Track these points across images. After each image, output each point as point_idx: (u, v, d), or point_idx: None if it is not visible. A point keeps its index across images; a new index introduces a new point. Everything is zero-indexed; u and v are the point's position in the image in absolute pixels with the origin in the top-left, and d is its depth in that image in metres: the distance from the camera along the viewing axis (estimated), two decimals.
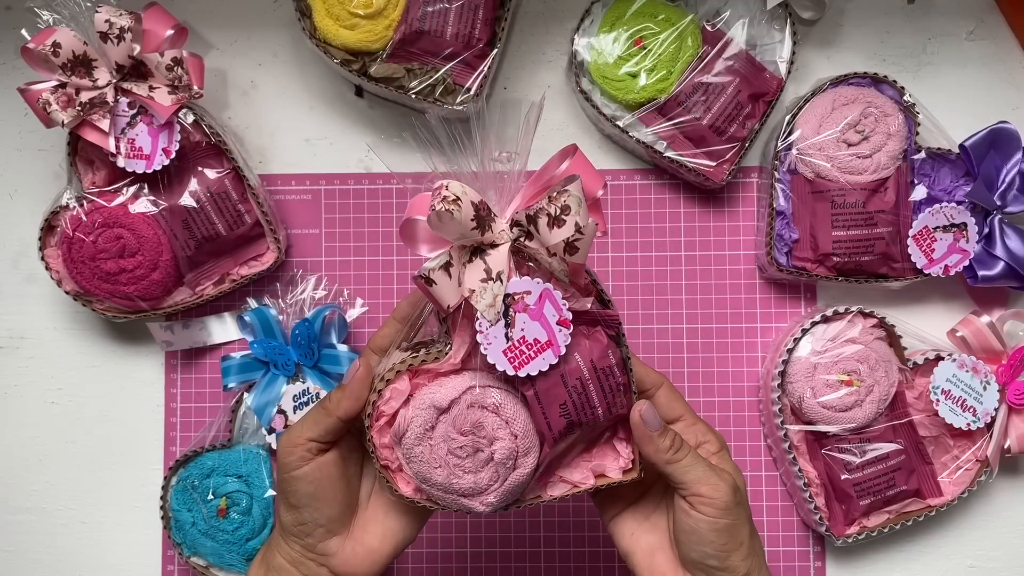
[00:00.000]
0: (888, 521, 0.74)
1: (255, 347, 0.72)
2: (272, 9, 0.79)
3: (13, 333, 0.79)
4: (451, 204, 0.49)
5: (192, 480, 0.72)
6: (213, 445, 0.73)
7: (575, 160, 0.52)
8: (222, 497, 0.71)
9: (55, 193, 0.74)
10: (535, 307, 0.52)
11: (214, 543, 0.72)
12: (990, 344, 0.73)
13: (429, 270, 0.51)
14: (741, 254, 0.78)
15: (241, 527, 0.72)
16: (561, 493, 0.57)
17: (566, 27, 0.78)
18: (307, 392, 0.72)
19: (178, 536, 0.72)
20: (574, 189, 0.50)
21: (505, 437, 0.53)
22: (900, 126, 0.72)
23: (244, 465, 0.72)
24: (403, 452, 0.54)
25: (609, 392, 0.55)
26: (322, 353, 0.73)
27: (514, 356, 0.52)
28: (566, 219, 0.49)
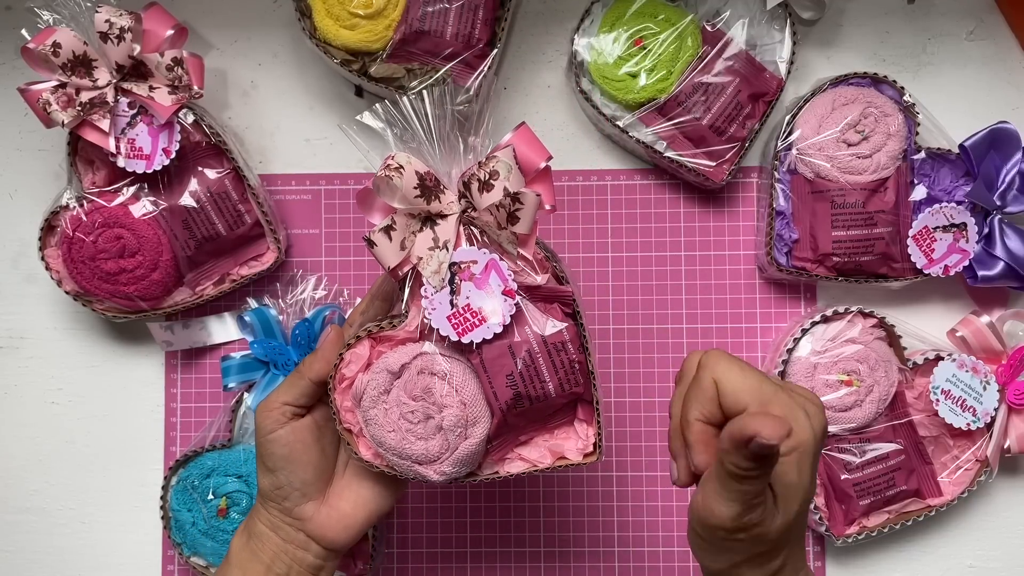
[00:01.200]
0: (888, 521, 0.74)
1: (255, 347, 0.72)
2: (272, 9, 0.79)
3: (13, 333, 0.79)
4: (392, 171, 0.52)
5: (192, 480, 0.72)
6: (213, 445, 0.73)
7: (518, 133, 0.54)
8: (222, 497, 0.71)
9: (55, 193, 0.74)
10: (481, 276, 0.54)
11: (214, 543, 0.71)
12: (990, 344, 0.73)
13: (372, 232, 0.54)
14: (741, 254, 0.78)
15: None
16: (519, 471, 0.58)
17: (566, 27, 0.78)
18: None
19: (178, 536, 0.72)
20: (503, 156, 0.53)
21: (454, 404, 0.55)
22: (900, 126, 0.72)
23: (244, 465, 0.72)
24: (361, 415, 0.57)
25: (561, 368, 0.56)
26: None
27: (458, 323, 0.54)
28: (494, 184, 0.52)
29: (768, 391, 0.46)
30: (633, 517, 0.77)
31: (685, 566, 0.76)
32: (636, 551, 0.77)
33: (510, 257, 0.55)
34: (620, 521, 0.77)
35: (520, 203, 0.53)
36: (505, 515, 0.77)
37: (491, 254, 0.55)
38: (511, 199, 0.53)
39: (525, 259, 0.56)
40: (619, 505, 0.77)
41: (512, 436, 0.58)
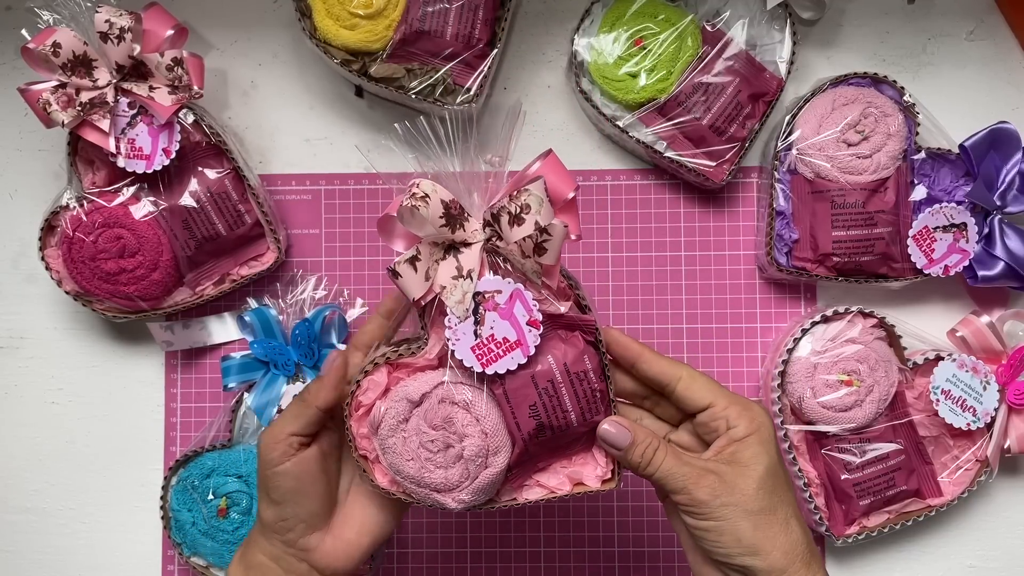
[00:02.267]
0: (888, 521, 0.74)
1: (255, 347, 0.72)
2: (272, 9, 0.79)
3: (13, 333, 0.79)
4: (419, 201, 0.51)
5: (192, 480, 0.72)
6: (213, 445, 0.73)
7: (546, 162, 0.53)
8: (222, 497, 0.71)
9: (55, 193, 0.74)
10: (505, 306, 0.53)
11: (214, 543, 0.71)
12: (990, 344, 0.73)
13: (396, 263, 0.53)
14: (741, 254, 0.78)
15: (241, 527, 0.71)
16: (536, 497, 0.57)
17: (566, 27, 0.78)
18: None
19: (178, 536, 0.72)
20: (535, 189, 0.51)
21: (475, 434, 0.54)
22: (900, 126, 0.72)
23: (244, 465, 0.72)
24: (378, 443, 0.55)
25: (583, 397, 0.55)
26: (322, 353, 0.73)
27: (482, 353, 0.53)
28: (525, 218, 0.51)
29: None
30: (633, 517, 0.77)
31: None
32: (636, 551, 0.77)
33: (534, 286, 0.54)
34: (620, 521, 0.77)
35: (548, 235, 0.52)
36: (505, 515, 0.77)
37: (516, 284, 0.54)
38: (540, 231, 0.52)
39: (549, 288, 0.55)
40: (619, 505, 0.77)
41: (533, 464, 0.58)
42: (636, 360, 0.56)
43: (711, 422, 0.54)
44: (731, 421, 0.53)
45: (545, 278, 0.54)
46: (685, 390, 0.55)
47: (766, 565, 0.50)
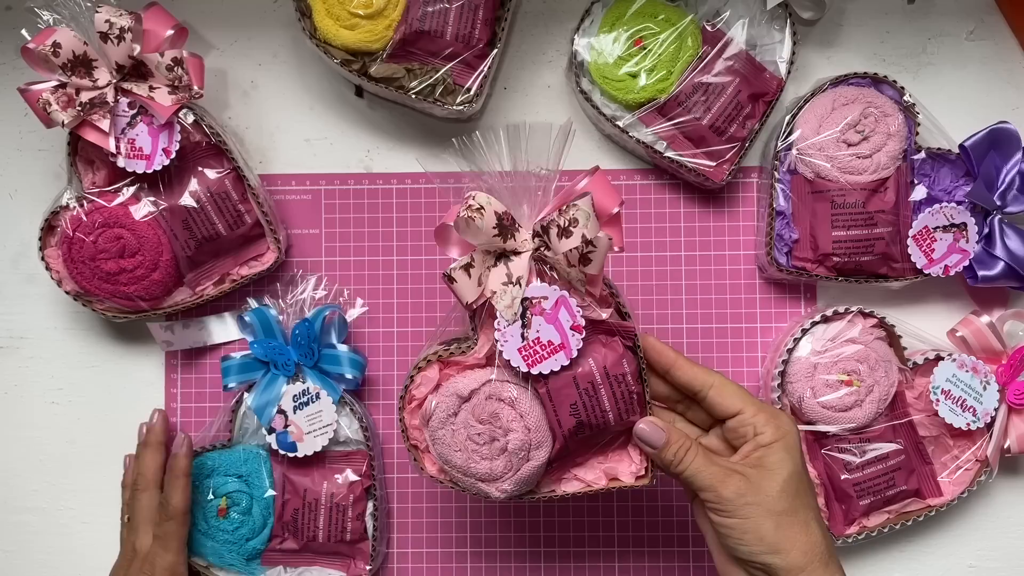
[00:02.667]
0: (888, 521, 0.74)
1: (255, 347, 0.72)
2: (272, 9, 0.79)
3: (13, 333, 0.79)
4: (475, 212, 0.55)
5: (192, 480, 0.71)
6: (213, 445, 0.73)
7: (594, 179, 0.57)
8: (222, 497, 0.71)
9: (55, 193, 0.74)
10: (551, 312, 0.58)
11: (214, 543, 0.72)
12: (990, 344, 0.73)
13: (452, 269, 0.57)
14: (741, 254, 0.78)
15: (241, 527, 0.72)
16: (574, 490, 0.62)
17: (566, 27, 0.78)
18: (307, 392, 0.72)
19: None
20: (583, 204, 0.56)
21: (519, 429, 0.59)
22: (900, 126, 0.72)
23: (244, 465, 0.72)
24: (429, 434, 0.60)
25: (621, 399, 0.59)
26: (322, 353, 0.73)
27: (528, 355, 0.58)
28: (573, 231, 0.55)
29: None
30: (633, 517, 0.77)
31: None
32: (635, 551, 0.77)
33: (578, 294, 0.58)
34: (620, 521, 0.77)
35: (593, 247, 0.56)
36: (505, 515, 0.77)
37: (561, 291, 0.58)
38: (585, 243, 0.55)
39: (592, 296, 0.59)
40: (619, 505, 0.77)
41: (571, 459, 0.62)
42: (671, 367, 0.60)
43: (739, 428, 0.58)
44: (758, 428, 0.57)
45: (589, 286, 0.58)
46: (716, 396, 0.58)
47: (785, 563, 0.54)
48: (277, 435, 0.72)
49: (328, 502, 0.72)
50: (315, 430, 0.71)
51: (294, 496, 0.72)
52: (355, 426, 0.73)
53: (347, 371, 0.73)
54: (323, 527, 0.72)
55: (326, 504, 0.72)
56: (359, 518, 0.72)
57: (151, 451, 0.71)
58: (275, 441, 0.72)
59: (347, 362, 0.73)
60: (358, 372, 0.73)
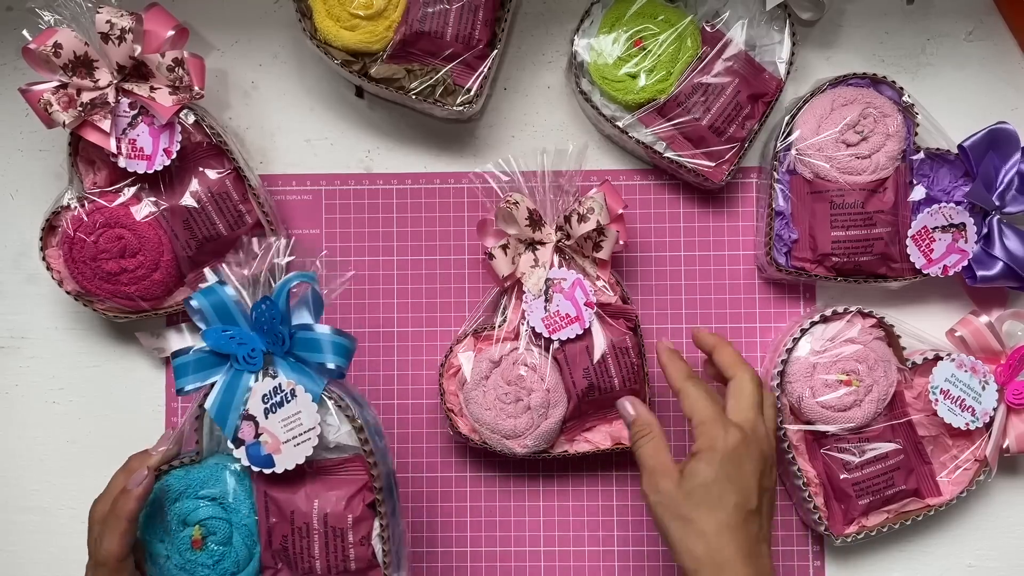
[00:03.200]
0: (887, 521, 0.74)
1: (208, 337, 0.57)
2: (273, 10, 0.80)
3: (14, 333, 0.79)
4: (511, 205, 0.69)
5: (160, 505, 0.60)
6: (180, 460, 0.61)
7: (604, 185, 0.72)
8: (195, 526, 0.59)
9: (56, 193, 0.75)
10: (568, 290, 0.71)
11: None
12: (989, 344, 0.73)
13: (493, 247, 0.70)
14: (740, 254, 0.78)
15: (223, 560, 0.60)
16: (584, 450, 0.72)
17: (566, 28, 0.79)
18: (279, 390, 0.58)
19: (153, 571, 0.60)
20: (597, 196, 0.70)
21: (539, 389, 0.70)
22: (899, 126, 0.72)
23: (217, 483, 0.59)
24: (464, 395, 0.71)
25: (625, 368, 0.71)
26: (296, 337, 0.59)
27: (549, 323, 0.70)
28: (590, 217, 0.69)
29: None
30: (634, 517, 0.77)
31: None
32: (636, 550, 0.77)
33: (591, 278, 0.72)
34: (620, 521, 0.77)
35: (604, 236, 0.70)
36: (505, 515, 0.77)
37: (577, 274, 0.71)
38: (598, 232, 0.69)
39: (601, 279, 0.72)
40: (617, 506, 0.77)
41: (581, 421, 0.72)
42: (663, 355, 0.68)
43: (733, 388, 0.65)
44: (696, 436, 0.61)
45: (599, 271, 0.72)
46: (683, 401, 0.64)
47: (683, 565, 0.58)
48: (247, 448, 0.58)
49: (322, 526, 0.59)
50: (294, 437, 0.58)
51: (280, 520, 0.59)
52: (346, 428, 0.60)
53: (329, 358, 0.58)
54: (319, 556, 0.59)
55: (319, 528, 0.59)
56: (363, 542, 0.59)
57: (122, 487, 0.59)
58: (245, 456, 0.58)
59: (328, 346, 0.58)
60: (343, 359, 0.58)
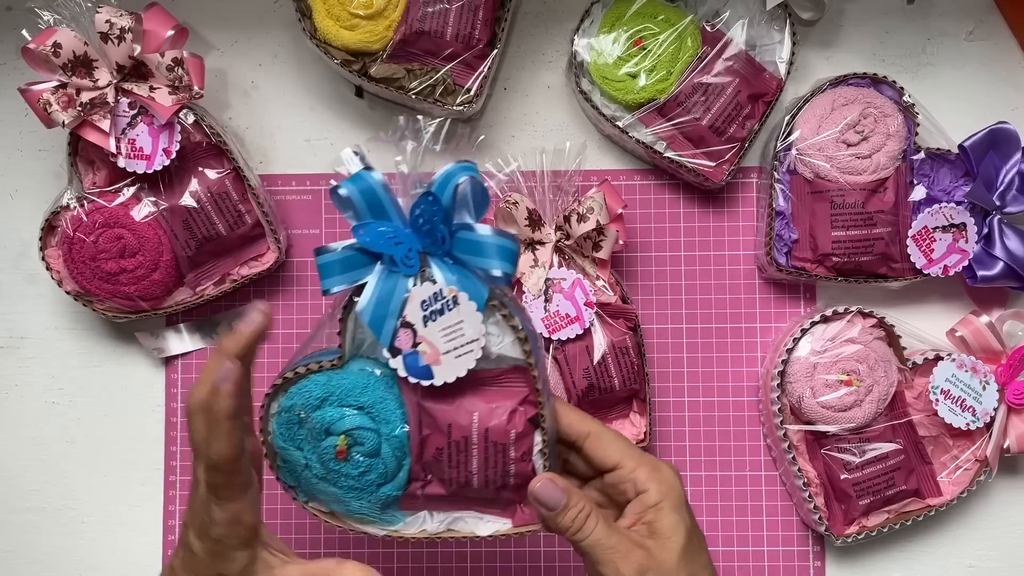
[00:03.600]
0: (887, 521, 0.74)
1: (363, 234, 0.50)
2: (272, 10, 0.79)
3: (13, 333, 0.79)
4: (511, 205, 0.69)
5: (297, 412, 0.54)
6: (319, 364, 0.54)
7: (604, 185, 0.72)
8: (340, 435, 0.53)
9: (56, 193, 0.75)
10: (568, 290, 0.70)
11: (336, 490, 0.55)
12: (989, 344, 0.73)
13: None
14: (741, 254, 0.78)
15: (369, 471, 0.54)
16: None
17: (566, 27, 0.78)
18: (440, 296, 0.51)
19: (289, 478, 0.55)
20: (597, 196, 0.69)
21: None
22: (899, 126, 0.72)
23: (365, 393, 0.54)
24: None
25: (624, 368, 0.71)
26: (456, 238, 0.52)
27: (549, 323, 0.71)
28: (590, 216, 0.69)
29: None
30: None
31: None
32: None
33: (590, 278, 0.71)
34: None
35: (603, 235, 0.70)
36: None
37: (577, 274, 0.71)
38: (597, 231, 0.69)
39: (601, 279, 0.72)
40: None
41: None
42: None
43: (619, 484, 0.53)
44: (639, 484, 0.52)
45: (599, 271, 0.72)
46: (592, 449, 0.53)
47: None
48: (404, 357, 0.52)
49: (482, 441, 0.54)
50: (456, 348, 0.52)
51: (435, 432, 0.54)
52: (509, 338, 0.54)
53: (494, 264, 0.52)
54: (477, 471, 0.54)
55: (479, 443, 0.54)
56: (524, 457, 0.54)
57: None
58: (402, 366, 0.53)
59: (493, 249, 0.52)
60: (509, 263, 0.52)
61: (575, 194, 0.71)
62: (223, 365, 0.49)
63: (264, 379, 0.76)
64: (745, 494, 0.77)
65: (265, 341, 0.52)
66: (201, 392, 0.49)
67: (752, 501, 0.77)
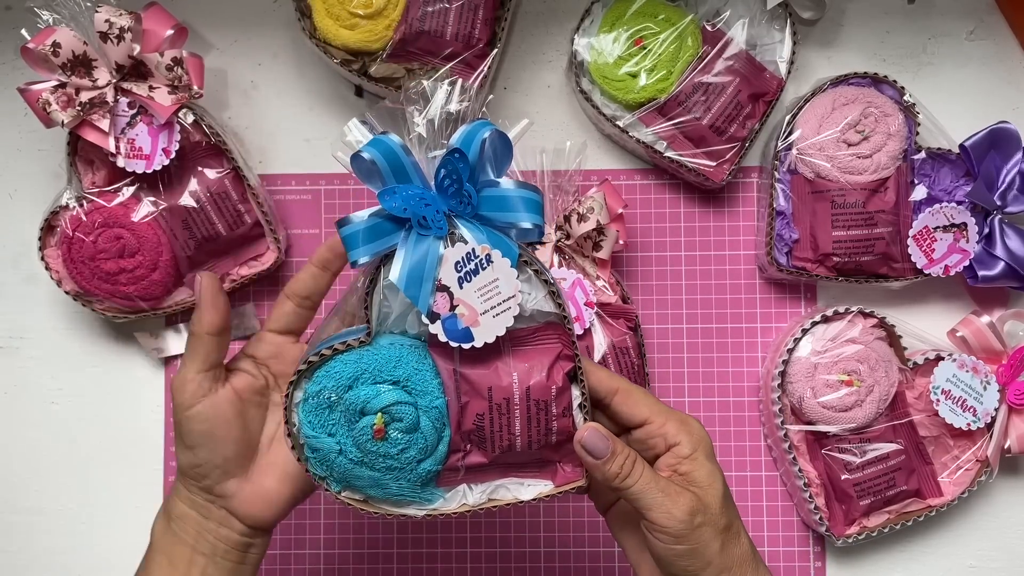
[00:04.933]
0: (888, 521, 0.74)
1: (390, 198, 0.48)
2: (272, 9, 0.79)
3: (13, 333, 0.79)
4: None
5: (327, 395, 0.51)
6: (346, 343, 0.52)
7: (604, 185, 0.72)
8: (376, 413, 0.51)
9: (55, 193, 0.74)
10: (568, 290, 0.70)
11: (375, 472, 0.52)
12: (990, 344, 0.73)
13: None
14: (741, 254, 0.78)
15: (408, 448, 0.52)
16: None
17: (566, 27, 0.78)
18: (473, 255, 0.50)
19: (321, 469, 0.53)
20: (597, 196, 0.69)
21: None
22: (900, 126, 0.72)
23: (398, 367, 0.52)
24: None
25: (624, 368, 0.72)
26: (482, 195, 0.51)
27: None
28: (590, 216, 0.69)
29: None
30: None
31: None
32: None
33: (590, 278, 0.71)
34: None
35: (604, 235, 0.70)
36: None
37: (577, 274, 0.71)
38: (598, 231, 0.70)
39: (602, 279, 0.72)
40: None
41: None
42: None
43: (648, 439, 0.53)
44: (670, 438, 0.52)
45: (599, 271, 0.72)
46: (621, 405, 0.53)
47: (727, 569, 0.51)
48: (443, 321, 0.51)
49: (524, 400, 0.52)
50: (493, 307, 0.51)
51: (475, 398, 0.53)
52: (540, 293, 0.53)
53: (523, 217, 0.51)
54: (520, 432, 0.53)
55: (521, 403, 0.52)
56: (565, 413, 0.53)
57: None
58: (441, 331, 0.51)
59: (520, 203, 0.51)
60: (537, 215, 0.51)
61: (575, 194, 0.71)
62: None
63: None
64: (746, 494, 0.77)
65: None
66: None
67: (752, 501, 0.77)
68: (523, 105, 0.79)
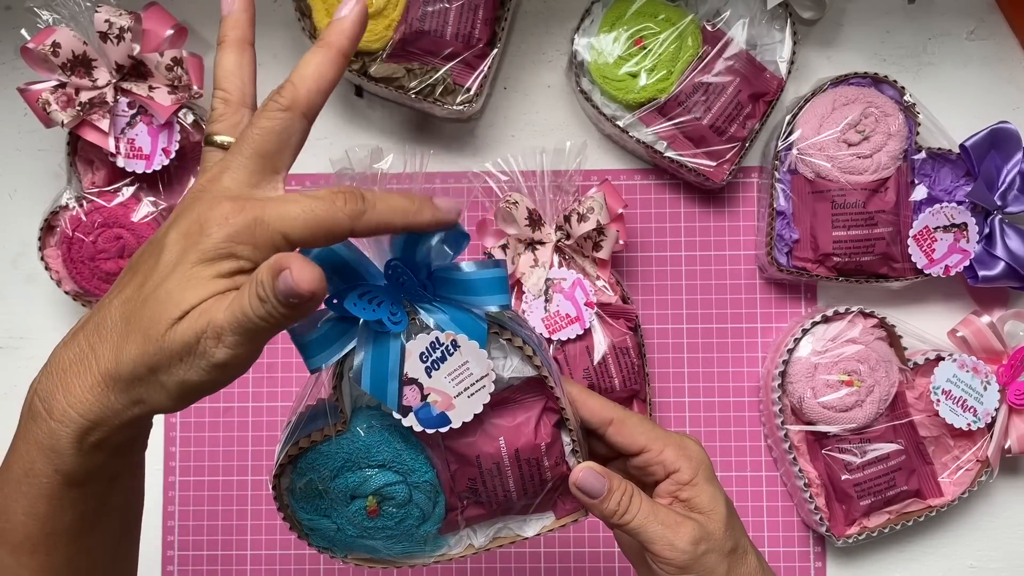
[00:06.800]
0: (888, 521, 0.74)
1: (344, 304, 0.45)
2: (272, 9, 0.79)
3: (13, 333, 0.79)
4: (511, 204, 0.70)
5: (316, 485, 0.52)
6: (323, 433, 0.51)
7: (604, 185, 0.73)
8: (367, 497, 0.52)
9: (55, 193, 0.74)
10: (568, 291, 0.71)
11: (375, 541, 0.53)
12: (990, 344, 0.73)
13: (492, 247, 0.72)
14: (741, 254, 0.78)
15: (405, 518, 0.53)
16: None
17: (566, 27, 0.78)
18: (438, 344, 0.48)
19: (322, 543, 0.54)
20: (597, 196, 0.70)
21: None
22: (900, 126, 0.72)
23: (380, 450, 0.51)
24: None
25: (625, 367, 0.72)
26: (436, 277, 0.48)
27: (549, 323, 0.71)
28: (590, 216, 0.69)
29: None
30: None
31: None
32: None
33: (591, 278, 0.72)
34: None
35: (604, 235, 0.70)
36: None
37: (577, 274, 0.71)
38: (598, 231, 0.70)
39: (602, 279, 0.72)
40: None
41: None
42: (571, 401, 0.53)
43: (647, 467, 0.52)
44: (668, 465, 0.51)
45: (599, 271, 0.72)
46: (616, 435, 0.52)
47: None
48: (416, 413, 0.49)
49: (514, 462, 0.52)
50: (467, 388, 0.49)
51: (464, 465, 0.52)
52: (517, 359, 0.51)
53: (487, 301, 0.48)
54: (515, 488, 0.53)
55: (512, 464, 0.52)
56: (559, 463, 0.53)
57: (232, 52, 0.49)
58: (416, 422, 0.49)
59: (483, 286, 0.48)
60: (503, 294, 0.48)
61: (575, 194, 0.71)
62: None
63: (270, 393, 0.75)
64: (746, 494, 0.77)
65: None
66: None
67: (753, 502, 0.77)
68: (523, 105, 0.79)
